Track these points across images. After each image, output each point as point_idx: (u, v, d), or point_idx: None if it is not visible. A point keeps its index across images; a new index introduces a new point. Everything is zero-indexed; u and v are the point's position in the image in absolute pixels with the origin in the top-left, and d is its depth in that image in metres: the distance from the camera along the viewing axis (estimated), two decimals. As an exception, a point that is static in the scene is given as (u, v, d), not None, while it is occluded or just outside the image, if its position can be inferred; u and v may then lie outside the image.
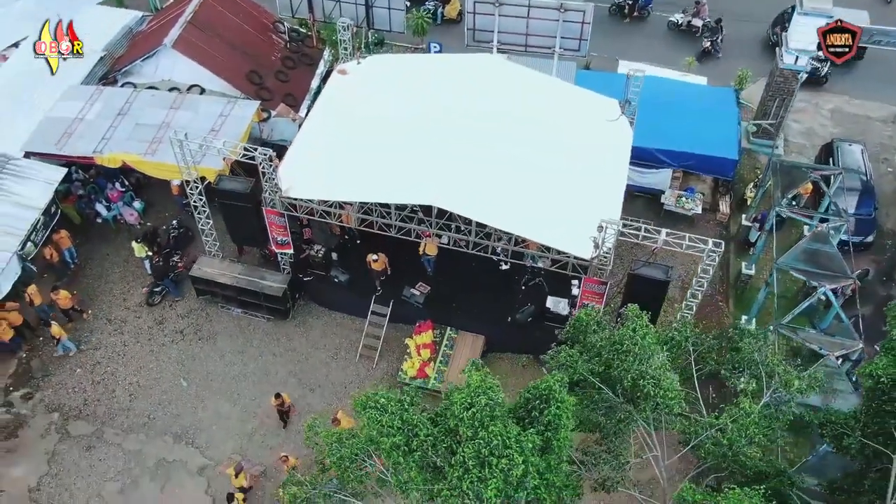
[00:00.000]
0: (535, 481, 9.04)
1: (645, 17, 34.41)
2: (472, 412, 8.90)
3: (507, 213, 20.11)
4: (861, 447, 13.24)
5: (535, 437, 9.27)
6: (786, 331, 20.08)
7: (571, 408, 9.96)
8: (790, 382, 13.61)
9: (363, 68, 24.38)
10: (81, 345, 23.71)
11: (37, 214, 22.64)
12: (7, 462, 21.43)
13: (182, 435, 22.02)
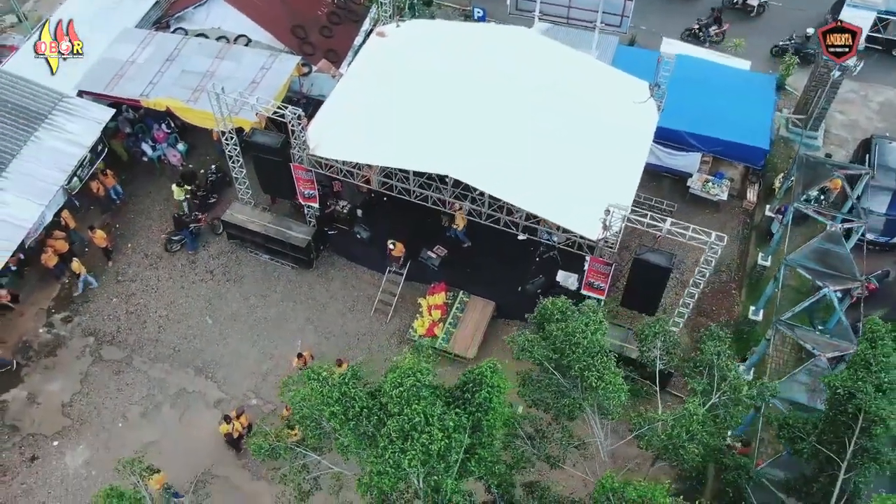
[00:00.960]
0: (457, 455, 10.01)
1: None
2: (399, 391, 9.87)
3: (520, 187, 20.71)
4: (815, 452, 13.78)
5: (462, 416, 10.22)
6: (784, 327, 20.39)
7: (505, 391, 10.84)
8: (739, 388, 14.15)
9: (401, 32, 24.93)
10: (119, 276, 25.38)
11: (84, 152, 24.11)
12: (45, 378, 23.37)
13: (203, 369, 23.61)
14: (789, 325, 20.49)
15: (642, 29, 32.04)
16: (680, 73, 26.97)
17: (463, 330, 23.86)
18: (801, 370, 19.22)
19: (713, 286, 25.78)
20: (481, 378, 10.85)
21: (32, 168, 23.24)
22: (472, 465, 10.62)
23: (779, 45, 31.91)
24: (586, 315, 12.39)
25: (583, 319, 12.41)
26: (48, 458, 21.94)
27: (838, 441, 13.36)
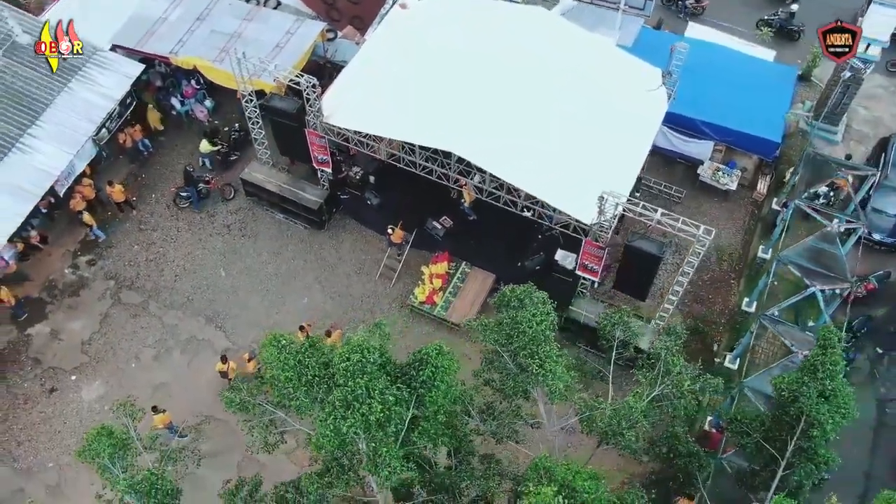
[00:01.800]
0: (396, 426, 11.00)
1: None
2: (345, 364, 10.84)
3: (521, 167, 21.33)
4: (760, 448, 14.47)
5: (405, 391, 11.20)
6: (767, 322, 20.88)
7: (451, 371, 11.74)
8: (681, 382, 14.82)
9: (423, 4, 25.42)
10: (142, 225, 26.74)
11: (113, 105, 25.27)
12: (68, 316, 24.96)
13: (213, 318, 24.95)
14: (773, 320, 20.97)
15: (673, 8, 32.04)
16: (698, 59, 26.99)
17: (462, 300, 24.76)
18: (777, 365, 19.78)
19: (713, 275, 26.24)
20: (427, 358, 11.78)
21: (64, 118, 24.47)
22: (414, 436, 11.64)
23: (764, 18, 31.77)
24: (535, 306, 13.15)
25: (531, 310, 13.18)
26: (66, 391, 23.59)
27: (781, 440, 14.02)
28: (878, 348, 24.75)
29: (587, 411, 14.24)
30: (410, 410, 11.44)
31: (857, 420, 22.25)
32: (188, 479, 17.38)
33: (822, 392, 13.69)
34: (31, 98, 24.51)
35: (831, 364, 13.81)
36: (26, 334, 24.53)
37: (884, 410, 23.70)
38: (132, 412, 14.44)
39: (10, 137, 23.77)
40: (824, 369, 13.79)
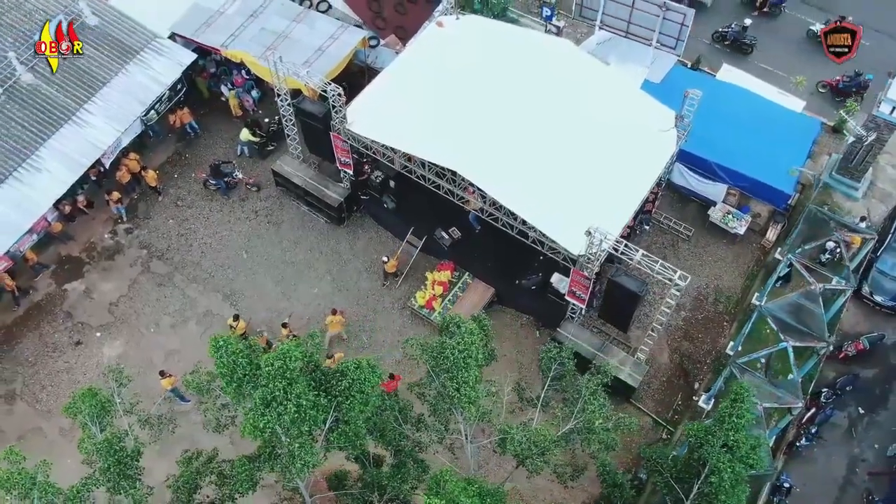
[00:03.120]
0: (309, 426, 12.52)
1: (776, 15, 33.54)
2: (269, 369, 12.37)
3: (520, 192, 22.49)
4: (670, 487, 15.48)
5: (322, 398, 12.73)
6: (736, 369, 21.63)
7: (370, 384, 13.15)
8: (592, 420, 15.87)
9: (458, 25, 26.65)
10: (179, 201, 28.91)
11: (163, 89, 27.45)
12: (102, 277, 27.35)
13: (230, 296, 26.96)
14: (742, 368, 21.70)
15: (715, 46, 32.39)
16: (723, 102, 27.78)
17: (458, 308, 26.07)
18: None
19: (707, 315, 26.92)
20: (346, 371, 13.27)
21: (118, 97, 26.76)
22: (332, 437, 13.16)
23: (718, 30, 32.05)
24: (462, 335, 14.41)
25: (458, 339, 14.44)
26: (90, 345, 25.99)
27: (689, 482, 15.03)
28: (860, 408, 25.11)
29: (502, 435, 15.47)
30: (330, 415, 12.96)
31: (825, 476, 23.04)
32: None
33: (726, 442, 14.65)
34: (92, 76, 26.84)
35: (737, 416, 14.74)
36: (63, 289, 27.02)
37: (854, 470, 24.14)
38: (119, 378, 16.34)
39: (68, 110, 26.16)
40: (730, 421, 14.73)
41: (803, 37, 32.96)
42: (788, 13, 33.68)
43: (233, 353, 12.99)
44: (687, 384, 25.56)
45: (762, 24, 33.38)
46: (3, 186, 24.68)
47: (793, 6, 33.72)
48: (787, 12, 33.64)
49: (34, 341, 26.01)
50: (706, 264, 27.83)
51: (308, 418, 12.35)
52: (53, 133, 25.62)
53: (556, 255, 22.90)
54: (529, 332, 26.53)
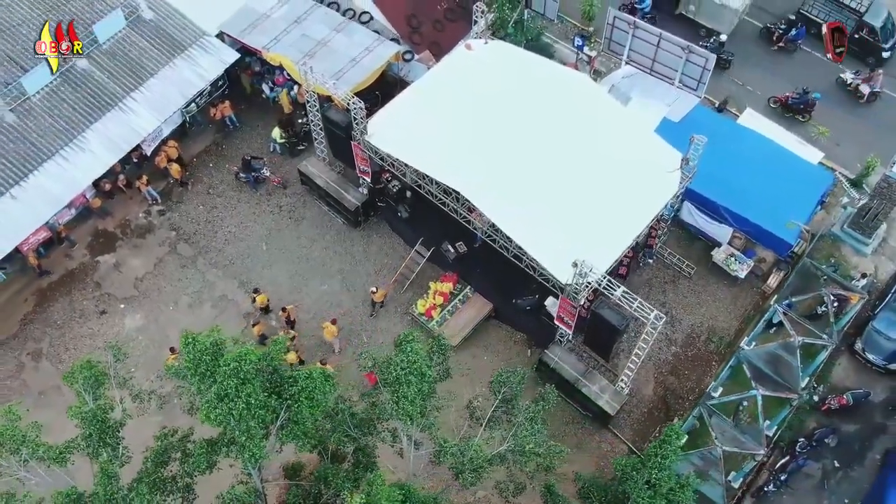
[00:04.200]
0: (257, 423, 13.90)
1: (791, 51, 33.86)
2: (224, 368, 13.81)
3: (519, 218, 23.58)
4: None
5: (272, 399, 14.13)
6: (705, 410, 22.37)
7: (320, 391, 14.49)
8: (524, 444, 16.90)
9: (486, 49, 27.78)
10: (210, 189, 30.78)
11: (205, 84, 29.32)
12: (131, 253, 29.41)
13: (246, 283, 28.71)
14: (711, 410, 22.44)
15: (738, 83, 32.76)
16: (739, 146, 28.31)
17: (456, 319, 27.39)
18: (696, 453, 21.33)
19: (697, 352, 27.58)
20: (297, 378, 14.66)
21: (162, 88, 28.71)
22: (282, 434, 14.63)
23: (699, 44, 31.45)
24: (407, 354, 15.60)
25: (403, 357, 15.65)
26: (114, 315, 28.06)
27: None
28: (836, 462, 25.51)
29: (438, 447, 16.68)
30: (281, 414, 14.40)
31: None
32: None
33: (650, 479, 15.60)
34: (141, 66, 28.86)
35: (662, 457, 15.68)
36: (96, 261, 29.17)
37: (821, 520, 24.64)
38: (117, 354, 18.09)
39: (115, 97, 28.22)
40: (655, 460, 15.68)
41: (834, 84, 33.07)
42: (805, 50, 33.97)
43: (199, 350, 14.53)
44: (667, 418, 26.27)
45: (786, 61, 33.78)
46: (49, 162, 26.82)
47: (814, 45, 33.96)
48: (803, 49, 33.93)
49: (64, 306, 28.19)
50: (704, 303, 28.44)
51: (256, 415, 13.82)
52: (100, 117, 27.70)
53: (546, 281, 23.91)
54: (521, 349, 27.62)
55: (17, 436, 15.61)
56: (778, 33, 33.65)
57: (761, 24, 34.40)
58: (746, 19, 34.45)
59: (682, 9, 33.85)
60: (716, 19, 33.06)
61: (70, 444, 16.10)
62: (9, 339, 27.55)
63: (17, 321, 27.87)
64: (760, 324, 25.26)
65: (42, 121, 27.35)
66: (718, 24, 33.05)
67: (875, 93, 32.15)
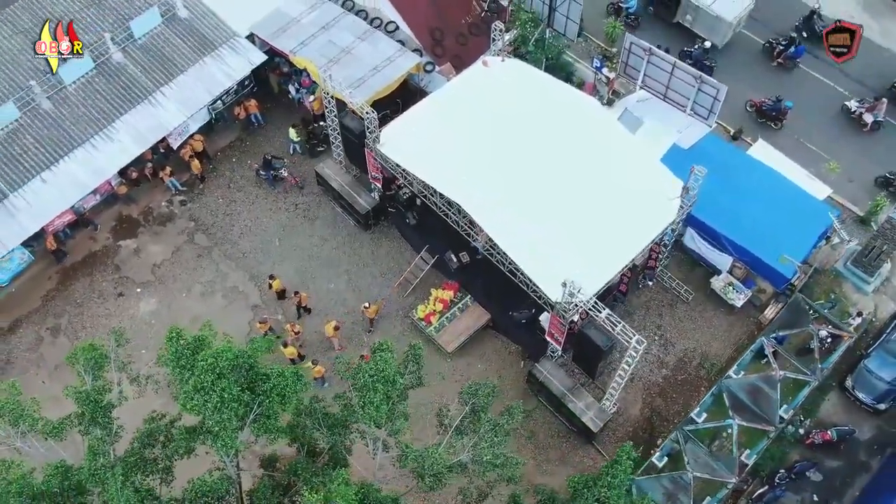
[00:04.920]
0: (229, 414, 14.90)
1: (790, 69, 34.38)
2: (202, 364, 14.86)
3: (516, 234, 24.35)
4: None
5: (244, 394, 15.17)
6: (681, 435, 22.94)
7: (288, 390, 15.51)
8: (482, 455, 17.69)
9: (502, 67, 28.57)
10: (231, 184, 32.07)
11: (231, 83, 30.57)
12: (151, 240, 30.82)
13: (256, 277, 29.93)
14: (687, 435, 23.00)
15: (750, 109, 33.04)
16: (745, 177, 28.69)
17: (454, 327, 28.28)
18: (667, 476, 21.95)
19: (687, 377, 28.06)
20: (269, 375, 15.71)
21: (191, 85, 30.02)
22: (254, 427, 15.73)
23: (685, 49, 33.40)
24: (375, 364, 16.50)
25: (371, 365, 16.55)
26: (130, 298, 29.49)
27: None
28: (815, 496, 25.86)
29: (400, 452, 17.58)
30: (254, 409, 15.47)
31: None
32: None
33: (599, 498, 16.31)
34: (172, 63, 30.22)
35: (612, 476, 16.40)
36: (118, 245, 30.64)
37: (793, 551, 25.05)
38: (119, 339, 19.32)
39: (146, 90, 29.61)
40: (605, 479, 16.40)
41: (837, 111, 33.28)
42: (804, 70, 34.44)
43: (181, 345, 15.67)
44: (651, 439, 26.85)
45: (786, 78, 34.26)
46: (80, 149, 28.31)
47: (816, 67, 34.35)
48: (801, 67, 34.42)
49: (85, 286, 29.71)
50: (699, 329, 28.90)
51: (230, 408, 14.88)
52: (129, 109, 29.10)
53: (538, 297, 24.66)
54: (515, 361, 28.40)
55: (18, 409, 16.90)
56: (778, 50, 34.26)
57: (761, 40, 34.99)
58: (745, 34, 35.18)
59: (680, 17, 34.96)
60: (711, 30, 34.07)
61: (64, 421, 17.37)
62: (31, 313, 29.12)
63: (40, 297, 29.43)
64: (748, 354, 25.67)
65: (76, 109, 28.84)
66: (713, 36, 34.05)
67: (878, 122, 32.39)
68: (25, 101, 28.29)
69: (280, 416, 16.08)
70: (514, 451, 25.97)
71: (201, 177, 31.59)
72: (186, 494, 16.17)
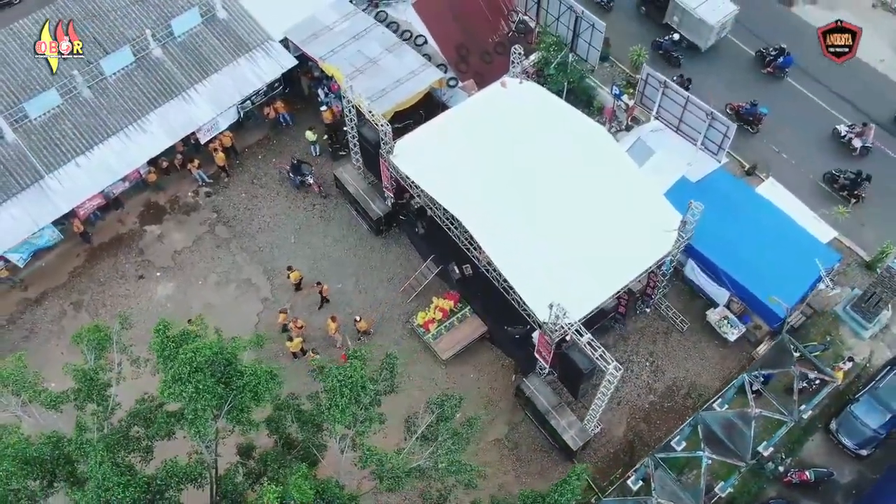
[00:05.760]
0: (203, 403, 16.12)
1: (780, 77, 35.65)
2: (181, 356, 16.17)
3: (513, 254, 25.28)
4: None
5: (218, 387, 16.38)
6: (652, 462, 23.62)
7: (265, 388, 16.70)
8: (438, 462, 18.65)
9: (519, 89, 29.46)
10: (254, 180, 33.56)
11: (261, 84, 32.03)
12: (175, 227, 32.46)
13: (269, 271, 31.34)
14: (658, 462, 23.66)
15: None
16: (750, 213, 29.13)
17: (450, 336, 29.31)
18: (633, 500, 22.67)
19: (674, 405, 28.64)
20: (245, 371, 16.95)
21: (223, 84, 31.56)
22: (228, 418, 17.01)
23: (657, 39, 36.28)
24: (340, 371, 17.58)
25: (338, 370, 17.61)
26: (149, 281, 31.15)
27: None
28: (786, 534, 26.28)
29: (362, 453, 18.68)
30: (228, 401, 16.74)
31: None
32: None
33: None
34: (208, 62, 31.79)
35: (559, 494, 17.30)
36: (143, 229, 32.35)
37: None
38: (123, 323, 20.80)
39: (180, 86, 31.24)
40: (552, 497, 17.29)
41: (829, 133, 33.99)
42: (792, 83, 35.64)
43: (166, 337, 17.05)
44: (631, 461, 27.51)
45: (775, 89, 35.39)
46: (113, 138, 30.06)
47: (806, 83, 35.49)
48: (788, 80, 35.68)
49: (109, 265, 31.47)
50: (691, 359, 29.44)
51: (203, 399, 16.16)
52: (163, 103, 30.75)
53: (528, 316, 25.54)
54: (507, 373, 29.32)
55: (22, 380, 18.46)
56: (768, 59, 35.56)
57: (748, 49, 36.48)
58: (733, 41, 36.73)
59: (668, 18, 36.69)
60: (695, 33, 35.90)
61: (62, 395, 18.89)
62: (58, 287, 30.97)
63: (67, 273, 31.27)
64: (731, 389, 26.18)
65: (114, 100, 30.58)
66: (697, 38, 36.00)
67: (867, 147, 32.99)
68: (68, 88, 30.06)
69: (252, 410, 17.33)
70: (497, 460, 27.26)
71: (226, 170, 33.02)
72: (159, 472, 17.49)
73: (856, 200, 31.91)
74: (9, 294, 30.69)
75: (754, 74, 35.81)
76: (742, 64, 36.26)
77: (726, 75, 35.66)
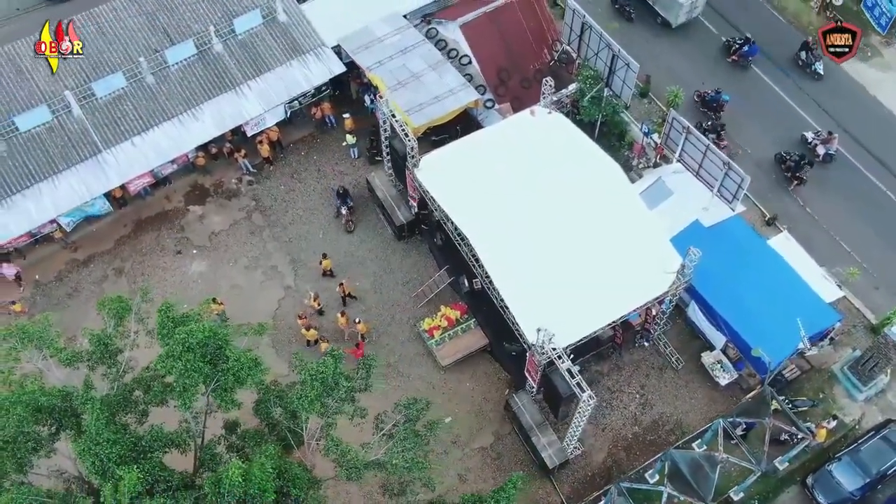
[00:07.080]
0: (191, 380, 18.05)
1: (745, 67, 37.99)
2: (176, 338, 18.16)
3: (513, 275, 26.72)
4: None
5: (205, 367, 18.32)
6: (615, 490, 24.78)
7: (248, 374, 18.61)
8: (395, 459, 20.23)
9: (547, 119, 30.80)
10: (294, 174, 35.75)
11: (309, 87, 34.15)
12: (215, 211, 34.89)
13: (295, 261, 33.46)
14: (621, 490, 24.80)
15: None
16: (758, 263, 29.80)
17: (452, 344, 30.91)
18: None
19: (655, 438, 29.58)
20: (230, 356, 18.92)
21: (273, 82, 33.80)
22: (213, 395, 19.04)
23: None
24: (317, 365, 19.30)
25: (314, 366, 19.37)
26: (186, 258, 33.65)
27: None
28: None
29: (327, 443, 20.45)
30: (213, 381, 18.74)
31: None
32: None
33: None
34: (263, 61, 34.08)
35: (496, 501, 18.70)
36: (187, 208, 34.89)
37: None
38: (144, 297, 23.10)
39: (235, 81, 33.61)
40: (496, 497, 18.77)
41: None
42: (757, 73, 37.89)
43: (167, 317, 19.18)
44: (605, 486, 28.59)
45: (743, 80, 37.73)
46: (168, 123, 32.63)
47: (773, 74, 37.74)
48: (753, 69, 37.94)
49: (152, 238, 34.10)
50: (681, 397, 30.33)
51: (190, 376, 18.21)
52: (217, 95, 33.16)
53: (519, 335, 26.94)
54: (502, 387, 30.76)
55: (46, 336, 20.88)
56: (734, 48, 37.67)
57: (719, 34, 39.00)
58: (704, 23, 39.60)
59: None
60: (667, 10, 39.10)
61: (77, 354, 21.26)
62: (104, 253, 33.74)
63: (114, 240, 34.01)
64: (709, 433, 27.04)
65: (173, 88, 33.13)
66: (669, 15, 39.13)
67: (830, 154, 34.34)
68: (133, 73, 32.72)
69: (234, 391, 19.34)
70: (478, 467, 28.77)
71: (270, 161, 35.27)
72: (145, 434, 19.65)
73: (798, 182, 34.13)
74: (60, 254, 33.57)
75: (721, 62, 38.37)
76: (709, 50, 38.81)
77: (695, 57, 38.42)
